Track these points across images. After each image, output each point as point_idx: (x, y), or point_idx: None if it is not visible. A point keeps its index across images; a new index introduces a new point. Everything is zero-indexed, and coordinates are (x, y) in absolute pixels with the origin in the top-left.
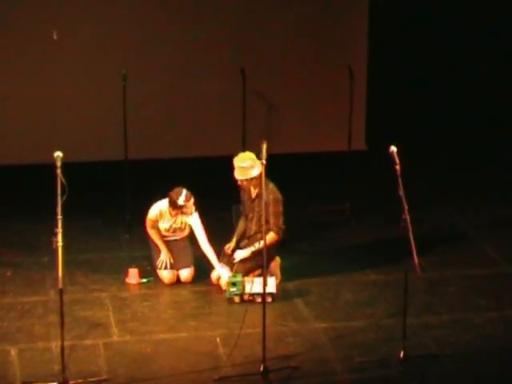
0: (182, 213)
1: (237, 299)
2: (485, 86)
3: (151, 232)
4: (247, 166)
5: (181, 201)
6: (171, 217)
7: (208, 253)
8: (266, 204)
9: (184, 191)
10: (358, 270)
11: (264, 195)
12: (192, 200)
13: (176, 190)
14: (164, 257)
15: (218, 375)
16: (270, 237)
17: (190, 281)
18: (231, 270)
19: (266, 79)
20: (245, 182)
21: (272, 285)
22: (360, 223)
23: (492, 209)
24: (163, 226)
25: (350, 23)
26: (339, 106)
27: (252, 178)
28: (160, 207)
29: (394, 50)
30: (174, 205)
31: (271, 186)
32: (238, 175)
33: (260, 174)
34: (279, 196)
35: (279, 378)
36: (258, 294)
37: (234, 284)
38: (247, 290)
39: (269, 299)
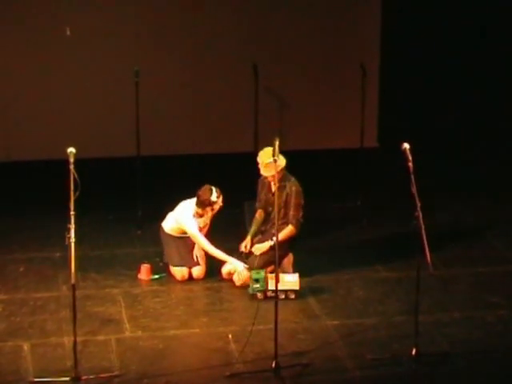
0: (213, 209)
1: (260, 295)
2: (499, 83)
3: (206, 243)
4: (273, 161)
5: (214, 197)
6: (198, 216)
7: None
8: (288, 196)
9: (212, 188)
10: (370, 267)
11: (287, 187)
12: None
13: (203, 189)
14: (238, 268)
15: (229, 372)
16: (288, 229)
17: (202, 278)
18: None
19: (279, 76)
20: (271, 177)
21: (296, 282)
22: (371, 220)
23: (504, 206)
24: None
25: (362, 20)
26: (351, 103)
27: (279, 172)
28: (191, 214)
29: (406, 48)
30: (206, 203)
31: (293, 179)
32: (267, 172)
33: (284, 167)
34: (300, 189)
35: (291, 374)
36: (282, 291)
37: (256, 280)
38: (270, 287)
39: (292, 296)
